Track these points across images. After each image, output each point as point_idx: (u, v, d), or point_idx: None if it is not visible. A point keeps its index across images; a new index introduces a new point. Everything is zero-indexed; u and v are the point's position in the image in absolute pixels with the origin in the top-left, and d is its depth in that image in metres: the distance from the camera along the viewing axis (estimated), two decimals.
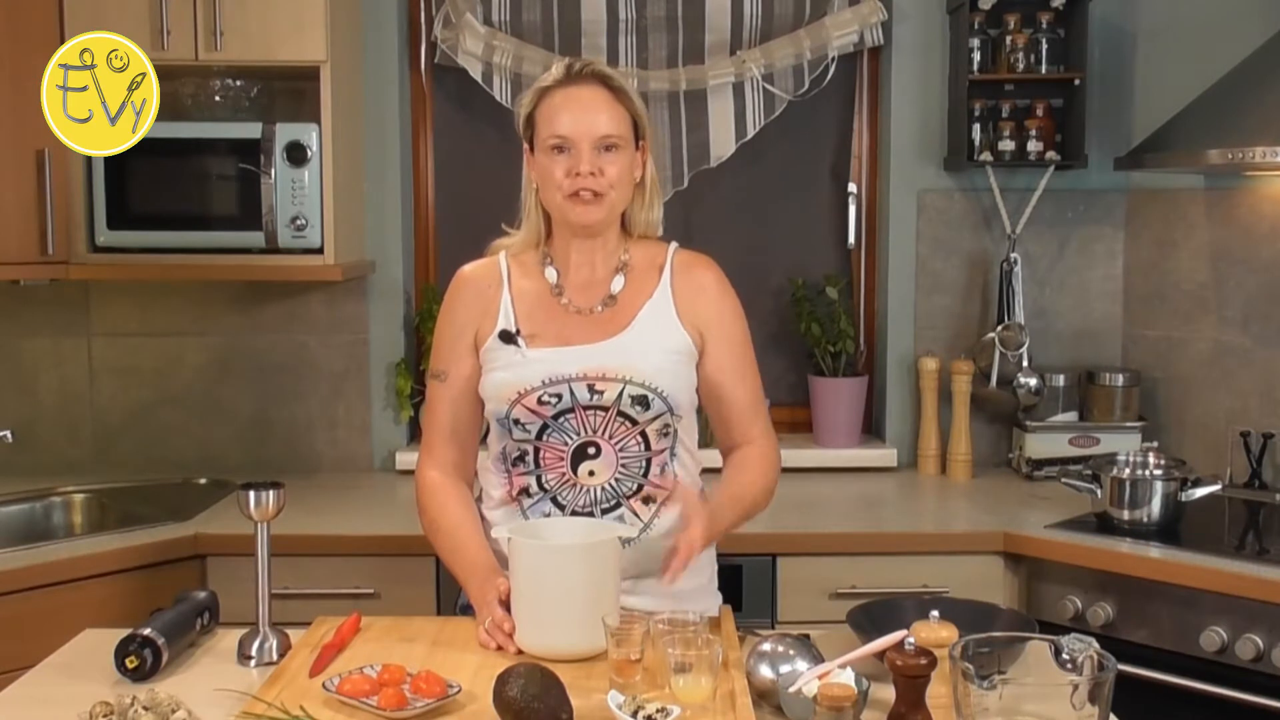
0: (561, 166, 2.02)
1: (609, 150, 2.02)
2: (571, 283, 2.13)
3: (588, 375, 2.03)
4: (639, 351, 2.05)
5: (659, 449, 2.08)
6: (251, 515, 1.96)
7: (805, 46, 3.43)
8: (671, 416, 2.07)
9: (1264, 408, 3.21)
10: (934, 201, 3.48)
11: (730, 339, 2.13)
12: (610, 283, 2.12)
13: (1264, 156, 2.72)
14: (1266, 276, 3.20)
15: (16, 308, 3.43)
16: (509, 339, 2.08)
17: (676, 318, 2.09)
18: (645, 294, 2.10)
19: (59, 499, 3.22)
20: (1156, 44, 3.39)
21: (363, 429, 3.50)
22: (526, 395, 2.04)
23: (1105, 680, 1.54)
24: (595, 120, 2.02)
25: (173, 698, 1.70)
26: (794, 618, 2.77)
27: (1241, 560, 2.60)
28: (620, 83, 2.06)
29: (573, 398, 2.03)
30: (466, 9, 3.42)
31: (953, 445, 3.39)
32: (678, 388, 2.07)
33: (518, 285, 2.13)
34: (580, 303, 2.11)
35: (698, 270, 2.15)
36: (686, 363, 2.09)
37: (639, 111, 2.08)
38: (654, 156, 3.39)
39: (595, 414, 2.04)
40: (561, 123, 2.02)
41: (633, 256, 2.14)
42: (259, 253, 3.10)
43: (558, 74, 2.06)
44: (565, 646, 1.86)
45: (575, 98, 2.03)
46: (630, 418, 2.04)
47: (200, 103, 3.30)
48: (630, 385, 2.03)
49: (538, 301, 2.12)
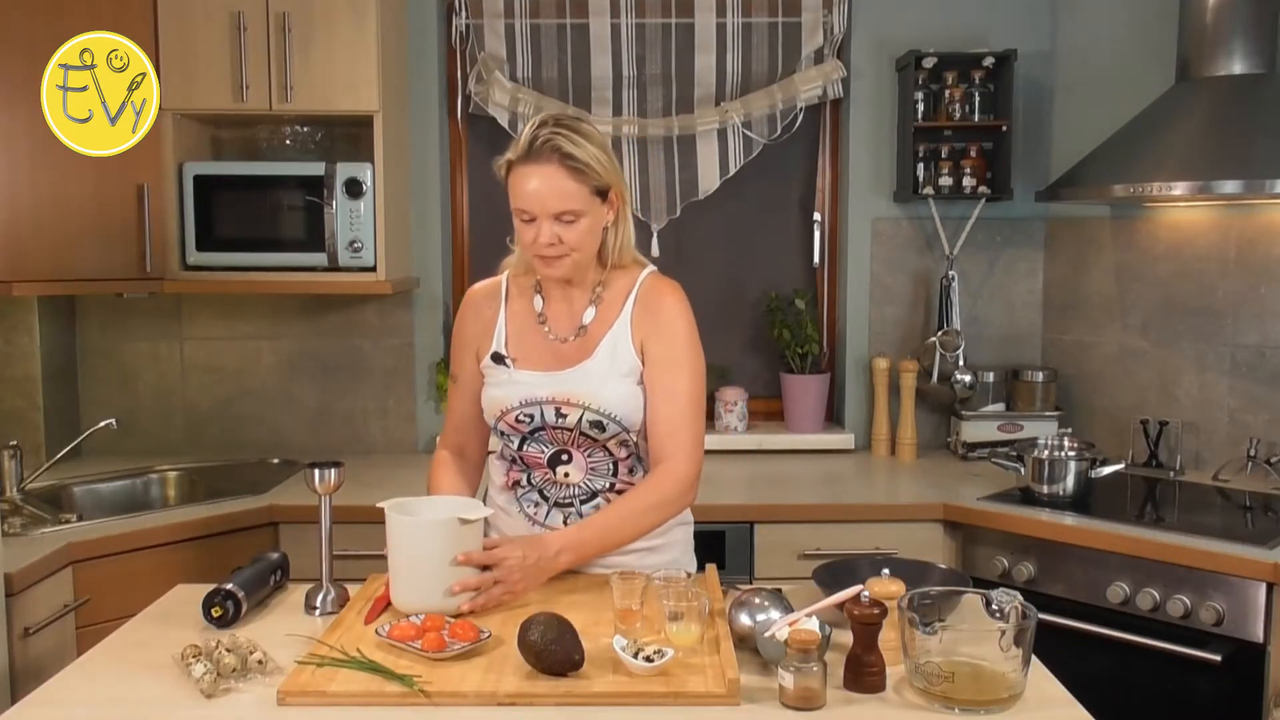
0: (528, 233, 1.90)
1: (567, 221, 1.88)
2: (552, 312, 2.03)
3: (555, 399, 1.95)
4: (597, 380, 1.95)
5: (622, 455, 2.02)
6: (316, 489, 1.95)
7: (778, 99, 3.43)
8: (627, 435, 1.98)
9: (1160, 400, 3.21)
10: (885, 228, 3.48)
11: (666, 359, 1.96)
12: (584, 315, 2.01)
13: (1160, 190, 2.72)
14: (1162, 290, 3.20)
15: (120, 317, 3.43)
16: (499, 360, 2.02)
17: (630, 340, 1.97)
18: (609, 322, 1.98)
19: (156, 476, 3.22)
20: (1071, 97, 3.39)
21: (409, 417, 3.50)
22: (507, 414, 2.00)
23: (1028, 627, 1.55)
24: (549, 200, 1.86)
25: (250, 641, 1.70)
26: (769, 574, 2.77)
27: (1141, 527, 2.60)
28: (579, 156, 1.85)
29: (542, 418, 1.97)
30: (495, 68, 3.42)
31: (900, 431, 3.38)
32: (630, 410, 1.96)
33: (513, 307, 2.05)
34: (558, 331, 2.01)
35: (655, 295, 1.99)
36: (637, 384, 1.97)
37: (599, 179, 1.88)
38: (651, 192, 3.45)
39: (562, 432, 1.98)
40: (522, 198, 1.88)
41: (607, 287, 2.01)
42: (322, 271, 3.09)
43: (522, 147, 1.88)
44: (419, 604, 1.80)
45: (533, 175, 1.86)
46: (590, 437, 1.98)
47: (273, 145, 3.31)
48: (588, 411, 1.94)
49: (525, 327, 2.03)
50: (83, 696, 1.61)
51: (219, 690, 1.59)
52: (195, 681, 1.60)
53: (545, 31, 3.45)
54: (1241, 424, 3.05)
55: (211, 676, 1.59)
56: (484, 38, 3.44)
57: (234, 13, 2.98)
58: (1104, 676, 2.50)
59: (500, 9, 3.43)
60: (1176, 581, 2.46)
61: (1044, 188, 3.16)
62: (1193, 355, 3.15)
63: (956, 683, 1.53)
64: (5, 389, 3.19)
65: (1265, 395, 3.01)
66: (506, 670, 1.63)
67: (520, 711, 1.54)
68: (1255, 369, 3.03)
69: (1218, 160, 2.71)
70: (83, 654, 1.79)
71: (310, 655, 1.68)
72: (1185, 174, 2.71)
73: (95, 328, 3.43)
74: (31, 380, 3.20)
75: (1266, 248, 3.00)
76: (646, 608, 1.75)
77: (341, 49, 3.01)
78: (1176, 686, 2.46)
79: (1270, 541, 2.43)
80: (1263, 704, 2.35)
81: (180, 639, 1.74)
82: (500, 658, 1.68)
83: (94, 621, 2.42)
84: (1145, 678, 2.49)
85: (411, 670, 1.62)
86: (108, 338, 3.43)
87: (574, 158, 1.86)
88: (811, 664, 1.54)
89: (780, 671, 1.56)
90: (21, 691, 2.04)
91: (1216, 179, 2.66)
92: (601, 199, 1.93)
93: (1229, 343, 3.07)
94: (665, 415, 1.97)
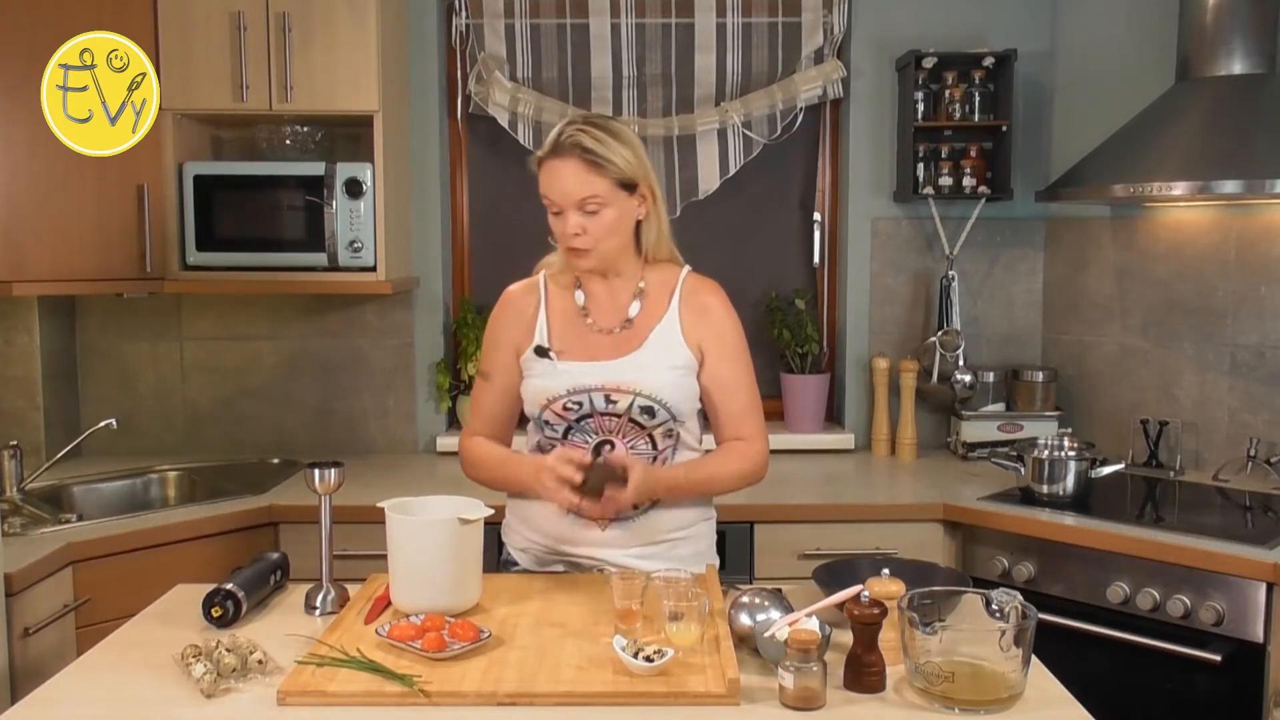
0: (558, 226, 1.99)
1: (590, 211, 1.96)
2: (596, 305, 2.09)
3: (605, 387, 2.01)
4: (648, 368, 2.01)
5: (663, 447, 2.07)
6: (316, 489, 1.95)
7: (778, 99, 3.43)
8: (674, 422, 2.05)
9: (1160, 400, 3.21)
10: (885, 228, 3.48)
11: (726, 355, 2.07)
12: (629, 308, 2.07)
13: (1160, 190, 2.72)
14: (1162, 290, 3.20)
15: (120, 317, 3.43)
16: (543, 353, 2.06)
17: (681, 336, 2.05)
18: (657, 317, 2.06)
19: (155, 476, 3.22)
20: (1070, 97, 3.39)
21: (409, 417, 3.50)
22: (554, 401, 2.03)
23: (1028, 627, 1.54)
24: (570, 190, 1.95)
25: (250, 641, 1.70)
26: (769, 574, 2.77)
27: (1141, 526, 2.60)
28: (599, 151, 1.94)
29: (591, 405, 2.02)
30: (495, 68, 3.42)
31: (901, 431, 3.38)
32: (680, 399, 2.03)
33: (554, 305, 2.10)
34: (603, 323, 2.07)
35: (702, 294, 2.09)
36: (689, 375, 2.05)
37: (621, 171, 1.96)
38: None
39: (610, 419, 2.03)
40: (549, 191, 1.97)
41: (649, 282, 2.08)
42: (322, 270, 3.09)
43: (547, 145, 1.98)
44: (419, 604, 1.80)
45: (556, 170, 1.96)
46: (639, 423, 2.03)
47: (273, 145, 3.30)
48: (639, 397, 2.00)
49: (568, 321, 2.09)
50: (83, 696, 1.61)
51: (219, 690, 1.59)
52: (195, 681, 1.60)
53: (545, 31, 3.45)
54: (1241, 424, 3.05)
55: (211, 676, 1.59)
56: (484, 38, 3.44)
57: (234, 13, 2.98)
58: (1104, 676, 2.50)
59: (500, 9, 3.43)
60: (1176, 581, 2.46)
61: (1044, 188, 3.16)
62: (1193, 355, 3.14)
63: (956, 683, 1.53)
64: (5, 389, 3.19)
65: (1265, 395, 3.01)
66: (506, 670, 1.63)
67: (520, 711, 1.54)
68: (1255, 369, 3.03)
69: (1218, 160, 2.71)
70: (83, 654, 1.79)
71: (310, 655, 1.68)
72: (1185, 174, 2.71)
73: (95, 328, 3.43)
74: (31, 380, 3.20)
75: (1266, 248, 3.00)
76: (646, 608, 1.75)
77: (341, 49, 3.01)
78: (1176, 686, 2.46)
79: (1270, 541, 2.43)
80: (1263, 704, 2.35)
81: (180, 639, 1.74)
82: (500, 658, 1.68)
83: (94, 621, 2.42)
84: (1145, 678, 2.49)
85: (411, 670, 1.62)
86: (108, 338, 3.43)
87: (594, 152, 1.94)
88: (811, 664, 1.54)
89: (780, 671, 1.56)
90: (21, 691, 2.04)
91: (1216, 179, 2.66)
92: (628, 192, 1.99)
93: (1229, 343, 3.07)
94: (735, 402, 2.09)
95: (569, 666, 1.64)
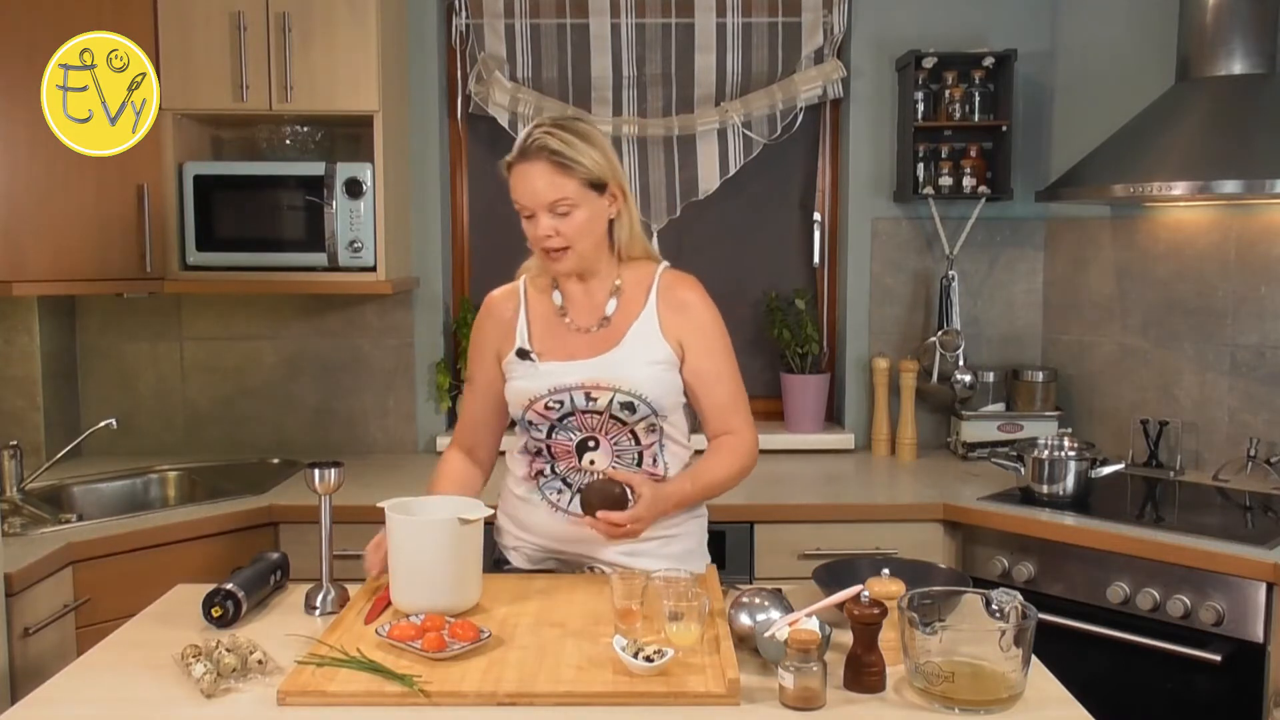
0: (530, 229, 2.00)
1: (562, 213, 1.96)
2: (573, 306, 2.10)
3: (585, 385, 2.02)
4: (627, 364, 2.02)
5: (648, 443, 2.07)
6: (316, 489, 1.95)
7: (778, 99, 3.43)
8: (656, 417, 2.05)
9: (1160, 399, 3.21)
10: (885, 228, 3.48)
11: (707, 349, 2.08)
12: (606, 306, 2.08)
13: (1159, 190, 2.72)
14: (1162, 290, 3.20)
15: (120, 317, 3.43)
16: (524, 356, 2.08)
17: (660, 332, 2.05)
18: (634, 314, 2.06)
19: (155, 476, 3.22)
20: (1070, 97, 3.39)
21: (409, 417, 3.50)
22: (536, 402, 2.05)
23: (1028, 627, 1.55)
24: (540, 193, 1.95)
25: (250, 641, 1.71)
26: (769, 574, 2.77)
27: (1141, 526, 2.60)
28: (566, 153, 1.94)
29: (572, 404, 2.03)
30: (495, 68, 3.42)
31: (901, 431, 3.38)
32: (660, 393, 2.03)
33: (533, 308, 2.12)
34: (581, 323, 2.08)
35: (680, 290, 2.09)
36: (669, 370, 2.05)
37: (590, 172, 1.96)
38: (651, 191, 3.45)
39: (592, 416, 2.04)
40: (518, 195, 1.98)
41: (625, 280, 2.09)
42: (322, 270, 3.09)
43: (515, 150, 1.99)
44: (419, 604, 1.81)
45: (524, 173, 1.96)
46: (620, 419, 2.03)
47: (273, 145, 3.30)
48: (619, 394, 2.01)
49: (547, 322, 2.11)
50: (83, 696, 1.61)
51: (219, 690, 1.59)
52: (195, 681, 1.60)
53: (545, 31, 3.45)
54: (1241, 424, 3.05)
55: (211, 676, 1.59)
56: (484, 38, 3.44)
57: (234, 13, 2.98)
58: (1104, 676, 2.50)
59: (500, 9, 3.43)
60: (1176, 581, 2.46)
61: (1044, 188, 3.16)
62: (1193, 355, 3.14)
63: (956, 683, 1.53)
64: (5, 389, 3.19)
65: (1265, 395, 3.01)
66: (506, 670, 1.63)
67: (520, 711, 1.54)
68: (1255, 369, 3.03)
69: (1218, 160, 2.71)
70: (83, 654, 1.79)
71: (310, 655, 1.68)
72: (1185, 174, 2.71)
73: (95, 328, 3.43)
74: (31, 380, 3.20)
75: (1266, 248, 3.00)
76: (646, 608, 1.75)
77: (341, 49, 3.01)
78: (1176, 686, 2.46)
79: (1270, 541, 2.43)
80: (1263, 704, 2.35)
81: (180, 639, 1.74)
82: (500, 658, 1.68)
83: (94, 621, 2.42)
84: (1145, 678, 2.49)
85: (411, 670, 1.62)
86: (108, 338, 3.43)
87: (561, 154, 1.95)
88: (811, 664, 1.54)
89: (780, 671, 1.56)
90: (21, 691, 2.04)
91: (1216, 179, 2.66)
92: (598, 192, 1.99)
93: (1229, 343, 3.07)
94: (719, 395, 2.09)
95: (569, 666, 1.64)
